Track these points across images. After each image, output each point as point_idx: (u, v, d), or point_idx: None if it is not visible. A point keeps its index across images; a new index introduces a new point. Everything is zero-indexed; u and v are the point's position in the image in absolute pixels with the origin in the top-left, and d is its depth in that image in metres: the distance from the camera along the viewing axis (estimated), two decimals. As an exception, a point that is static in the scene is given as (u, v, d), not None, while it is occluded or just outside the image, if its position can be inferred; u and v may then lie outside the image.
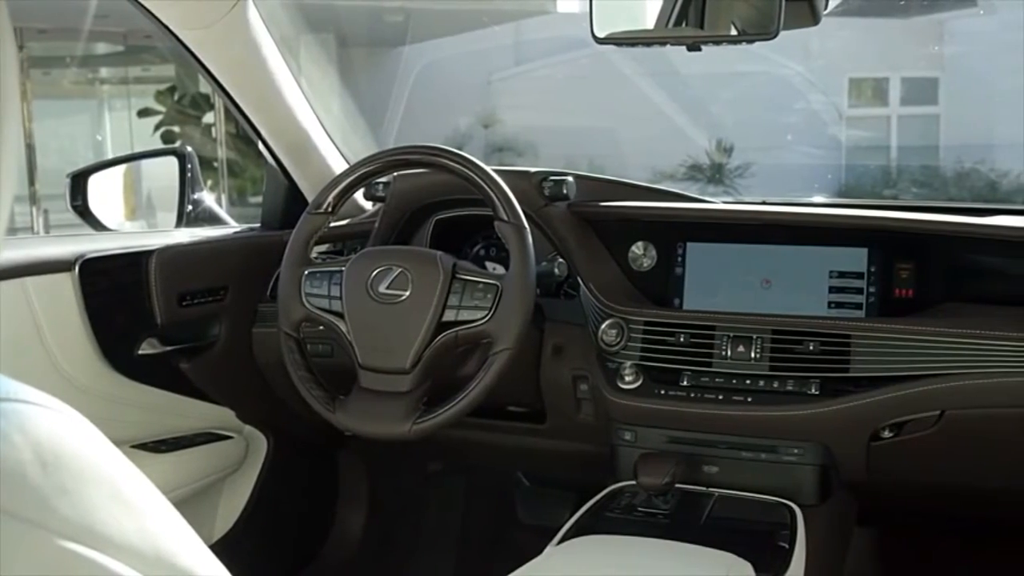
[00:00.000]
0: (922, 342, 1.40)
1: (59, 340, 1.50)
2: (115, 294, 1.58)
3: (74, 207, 1.85)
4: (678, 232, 1.61)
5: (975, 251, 1.48)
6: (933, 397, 1.38)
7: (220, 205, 2.01)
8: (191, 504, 1.75)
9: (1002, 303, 1.45)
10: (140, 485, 0.47)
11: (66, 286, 1.50)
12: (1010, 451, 1.44)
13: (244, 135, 1.91)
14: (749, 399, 1.47)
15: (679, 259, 1.60)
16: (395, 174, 1.65)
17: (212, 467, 1.79)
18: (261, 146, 1.84)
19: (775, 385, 1.47)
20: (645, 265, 1.64)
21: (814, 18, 1.22)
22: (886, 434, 1.43)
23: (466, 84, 8.04)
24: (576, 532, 1.37)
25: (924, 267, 1.49)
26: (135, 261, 1.60)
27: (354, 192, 1.53)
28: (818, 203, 2.27)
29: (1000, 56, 6.61)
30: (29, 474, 0.41)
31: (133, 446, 1.64)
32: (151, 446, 1.67)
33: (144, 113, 8.52)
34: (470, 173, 1.42)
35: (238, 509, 1.87)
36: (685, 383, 1.52)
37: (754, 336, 1.49)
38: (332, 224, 1.54)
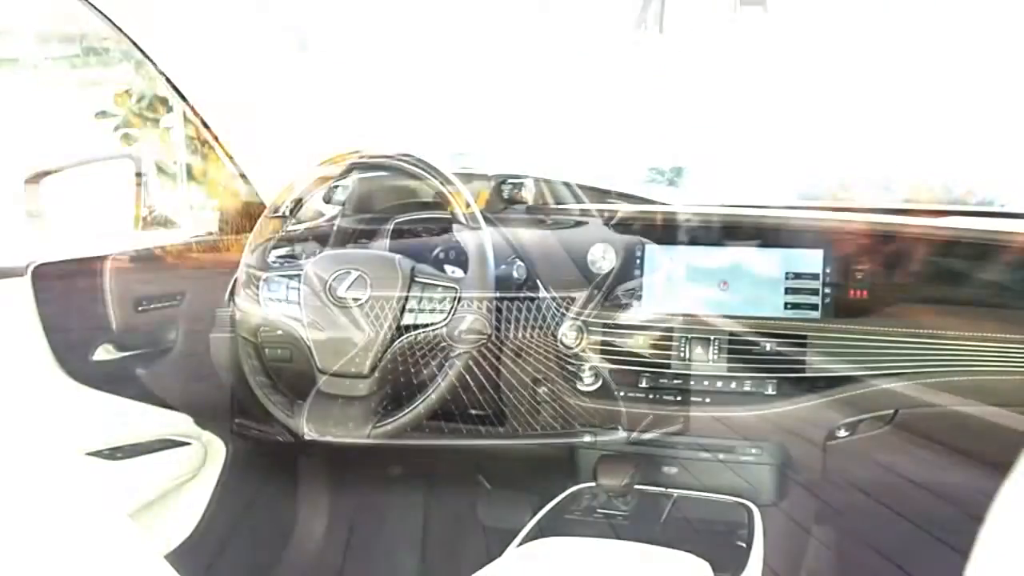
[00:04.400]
0: (876, 342, 1.42)
1: (12, 346, 1.48)
2: (69, 300, 1.55)
3: (28, 211, 1.82)
4: (637, 234, 1.61)
5: (929, 252, 1.50)
6: (887, 396, 1.40)
7: (178, 209, 1.99)
8: (148, 511, 1.73)
9: (954, 303, 1.47)
10: (88, 495, 0.47)
11: (19, 292, 1.48)
12: (962, 448, 1.46)
13: (204, 138, 1.90)
14: (707, 400, 1.48)
15: (638, 261, 1.60)
16: (354, 177, 1.64)
17: (170, 474, 1.77)
18: (218, 150, 1.82)
19: (732, 386, 1.48)
20: (604, 267, 1.64)
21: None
22: (841, 433, 1.45)
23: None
24: (536, 534, 1.37)
25: (878, 268, 1.51)
26: (89, 266, 1.58)
27: (313, 196, 1.52)
28: (775, 205, 2.29)
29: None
30: None
31: (88, 454, 1.62)
32: (106, 453, 1.65)
33: (101, 115, 8.41)
34: (429, 176, 1.41)
35: (197, 515, 1.85)
36: (644, 384, 1.52)
37: (712, 337, 1.50)
38: (290, 228, 1.53)
